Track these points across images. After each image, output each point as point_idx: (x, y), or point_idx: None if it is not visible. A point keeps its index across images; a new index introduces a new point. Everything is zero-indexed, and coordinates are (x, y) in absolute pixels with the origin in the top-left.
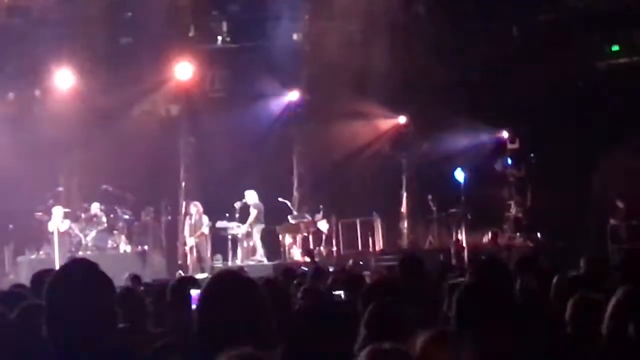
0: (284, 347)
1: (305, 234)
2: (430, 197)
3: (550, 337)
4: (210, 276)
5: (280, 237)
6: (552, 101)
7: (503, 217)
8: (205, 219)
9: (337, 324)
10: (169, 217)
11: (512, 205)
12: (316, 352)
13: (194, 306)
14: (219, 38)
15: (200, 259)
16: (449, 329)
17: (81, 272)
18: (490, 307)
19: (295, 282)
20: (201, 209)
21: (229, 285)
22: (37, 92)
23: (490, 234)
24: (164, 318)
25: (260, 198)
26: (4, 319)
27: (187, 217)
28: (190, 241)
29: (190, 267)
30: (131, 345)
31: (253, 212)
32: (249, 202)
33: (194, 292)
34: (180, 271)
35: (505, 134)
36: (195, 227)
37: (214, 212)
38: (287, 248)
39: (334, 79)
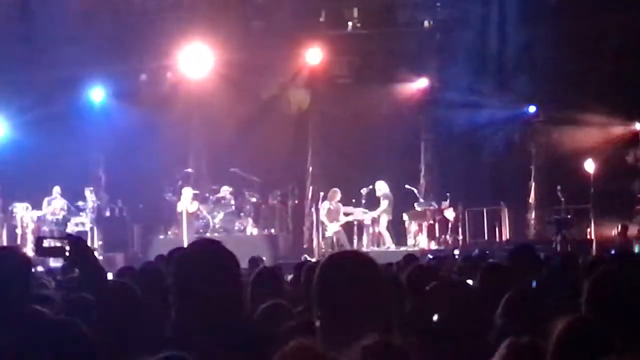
0: (418, 334)
1: (432, 222)
2: (559, 188)
3: None
4: (329, 255)
5: (407, 224)
6: None
7: (633, 210)
8: (341, 207)
9: (470, 311)
10: (296, 201)
11: None
12: (450, 337)
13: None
14: (349, 24)
15: (340, 246)
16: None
17: (208, 249)
18: (622, 294)
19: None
20: (339, 196)
21: (349, 263)
22: (169, 74)
23: (619, 227)
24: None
25: (387, 184)
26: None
27: (327, 202)
28: (333, 227)
29: (316, 251)
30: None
31: (384, 203)
32: (379, 193)
33: None
34: (306, 255)
35: (637, 126)
36: (333, 214)
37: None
38: (413, 235)
39: (463, 67)
